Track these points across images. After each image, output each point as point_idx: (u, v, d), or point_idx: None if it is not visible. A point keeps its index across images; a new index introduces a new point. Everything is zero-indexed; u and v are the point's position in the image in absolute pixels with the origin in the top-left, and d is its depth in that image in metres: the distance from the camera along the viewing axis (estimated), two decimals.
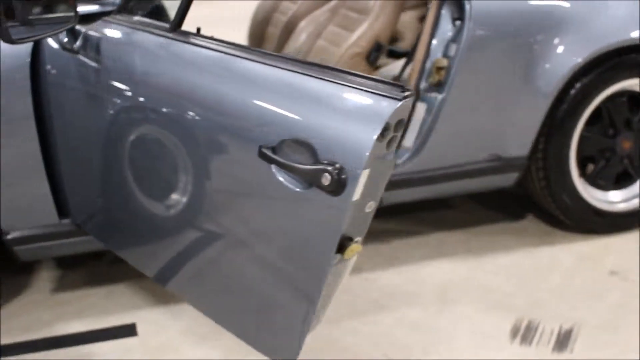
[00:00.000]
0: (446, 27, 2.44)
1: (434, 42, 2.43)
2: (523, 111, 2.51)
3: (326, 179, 1.33)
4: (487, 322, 2.30)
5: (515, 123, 2.52)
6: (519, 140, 2.56)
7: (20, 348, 2.25)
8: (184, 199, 1.77)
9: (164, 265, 1.94)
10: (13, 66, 2.06)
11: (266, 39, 3.59)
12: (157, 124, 1.79)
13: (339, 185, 1.32)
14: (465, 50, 2.36)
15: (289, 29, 3.25)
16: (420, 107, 2.46)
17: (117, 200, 2.04)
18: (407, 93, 1.30)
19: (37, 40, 1.92)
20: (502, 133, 2.53)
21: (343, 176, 1.32)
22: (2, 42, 1.78)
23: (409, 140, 2.49)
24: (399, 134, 1.34)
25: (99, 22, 2.00)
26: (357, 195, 1.33)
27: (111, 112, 1.89)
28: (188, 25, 1.81)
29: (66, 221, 2.27)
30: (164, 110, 1.74)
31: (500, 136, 2.54)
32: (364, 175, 1.32)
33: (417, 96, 2.47)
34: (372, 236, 2.79)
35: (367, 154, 1.30)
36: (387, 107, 1.29)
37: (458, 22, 2.40)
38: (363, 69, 2.59)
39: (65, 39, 1.99)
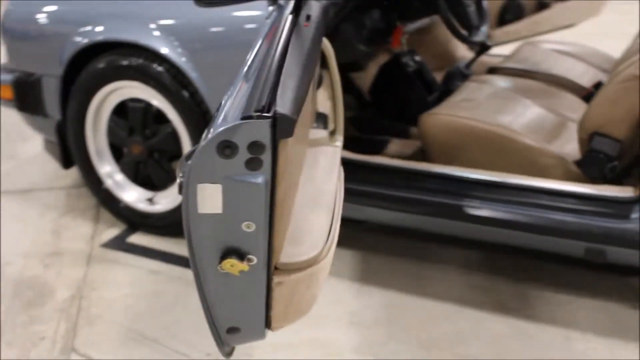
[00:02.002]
0: None
1: None
2: None
3: (177, 183, 1.40)
4: None
5: None
6: None
7: None
8: None
9: None
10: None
11: None
12: None
13: (180, 192, 1.38)
14: None
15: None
16: None
17: None
18: (254, 114, 1.27)
19: (222, 6, 2.15)
20: None
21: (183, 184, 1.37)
22: None
23: None
24: (264, 157, 1.32)
25: None
26: (205, 207, 1.36)
27: None
28: None
29: None
30: None
31: None
32: (207, 189, 1.34)
33: None
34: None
35: (189, 168, 1.33)
36: (226, 124, 1.30)
37: None
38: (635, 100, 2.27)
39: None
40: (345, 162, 2.59)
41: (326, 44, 2.00)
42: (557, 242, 2.32)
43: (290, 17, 1.86)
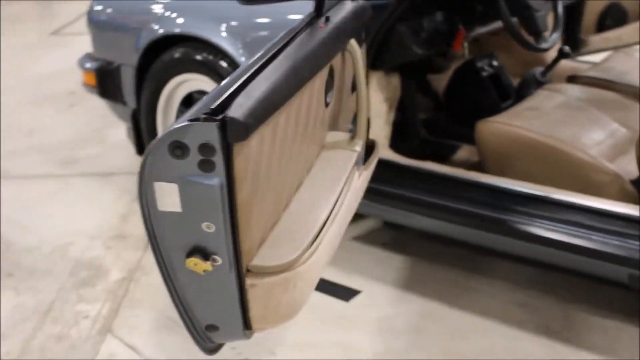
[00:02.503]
0: None
1: None
2: None
3: None
4: None
5: None
6: None
7: None
8: None
9: None
10: None
11: None
12: None
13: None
14: None
15: None
16: None
17: None
18: (202, 116, 1.29)
19: (262, 4, 2.20)
20: None
21: None
22: None
23: None
24: (216, 159, 1.32)
25: None
26: (163, 205, 1.39)
27: None
28: None
29: None
30: None
31: None
32: (164, 188, 1.37)
33: None
34: None
35: (142, 165, 1.37)
36: (175, 125, 1.31)
37: None
38: None
39: None
40: (390, 165, 2.60)
41: (353, 46, 1.99)
42: (599, 265, 2.22)
43: (308, 18, 1.88)
